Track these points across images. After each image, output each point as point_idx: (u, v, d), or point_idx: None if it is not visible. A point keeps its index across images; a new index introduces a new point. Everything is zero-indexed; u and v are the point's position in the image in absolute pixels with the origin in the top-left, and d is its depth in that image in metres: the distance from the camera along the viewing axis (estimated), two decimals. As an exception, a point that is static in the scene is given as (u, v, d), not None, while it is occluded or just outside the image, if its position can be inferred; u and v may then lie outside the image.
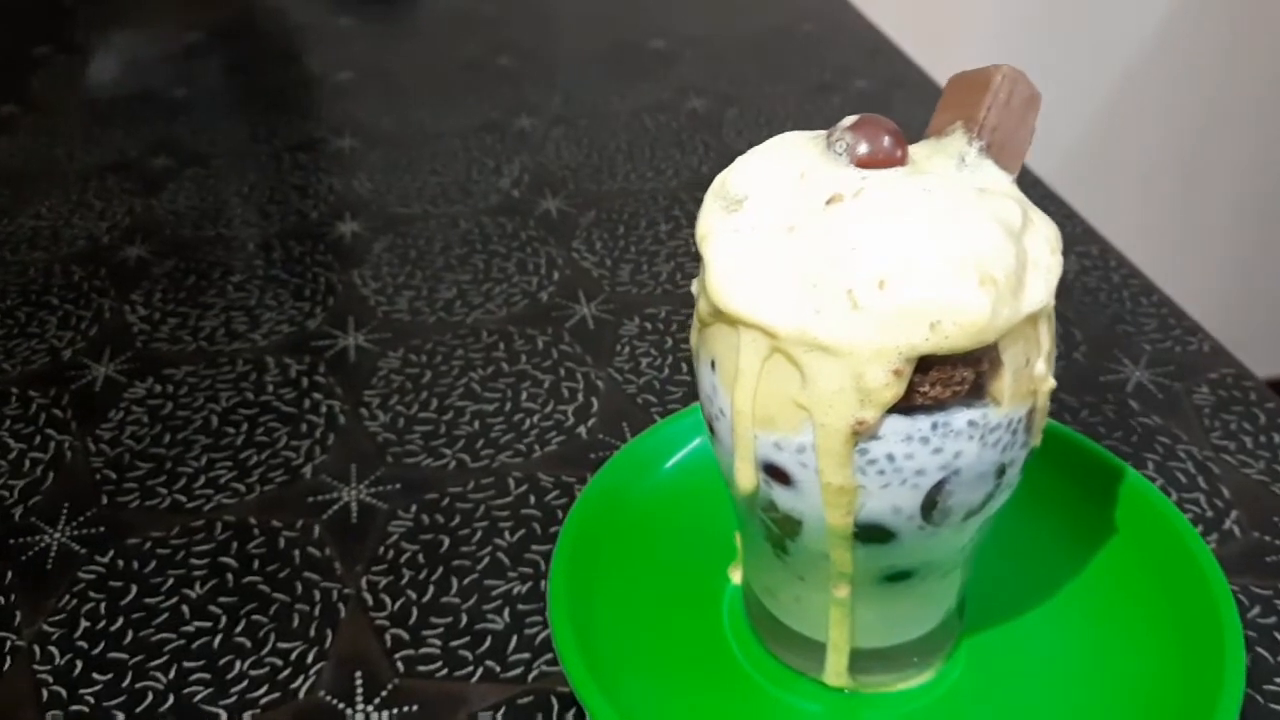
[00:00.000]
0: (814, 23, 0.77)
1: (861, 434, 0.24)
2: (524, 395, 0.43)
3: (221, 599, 0.35)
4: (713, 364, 0.27)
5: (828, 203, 0.25)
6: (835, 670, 0.30)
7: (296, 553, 0.37)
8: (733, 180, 0.27)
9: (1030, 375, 0.25)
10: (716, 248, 0.26)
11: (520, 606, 0.34)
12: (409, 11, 0.84)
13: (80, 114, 0.68)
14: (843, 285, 0.24)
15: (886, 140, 0.26)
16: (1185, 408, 0.42)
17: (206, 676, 0.33)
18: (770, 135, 0.28)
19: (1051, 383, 0.26)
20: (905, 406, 0.24)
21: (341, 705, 0.32)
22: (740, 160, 0.27)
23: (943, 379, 0.24)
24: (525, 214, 0.56)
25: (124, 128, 0.65)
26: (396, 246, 0.53)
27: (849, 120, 0.26)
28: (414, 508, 0.38)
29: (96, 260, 0.52)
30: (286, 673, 0.33)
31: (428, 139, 0.63)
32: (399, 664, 0.33)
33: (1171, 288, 0.50)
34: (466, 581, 0.35)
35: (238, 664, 0.33)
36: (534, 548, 0.36)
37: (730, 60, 0.72)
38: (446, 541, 0.37)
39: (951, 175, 0.26)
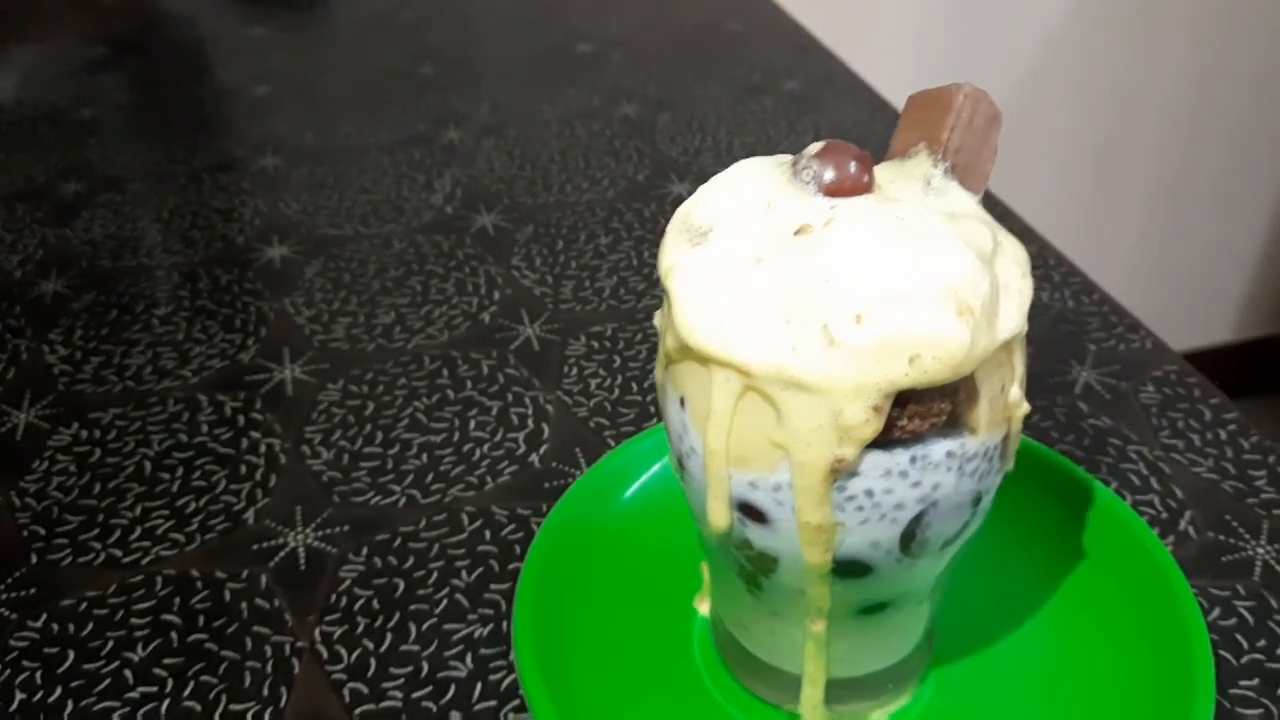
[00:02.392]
0: (740, 21, 0.76)
1: (840, 471, 0.24)
2: (472, 424, 0.42)
3: (166, 660, 0.33)
4: (682, 401, 0.26)
5: (796, 233, 0.24)
6: (811, 703, 0.30)
7: (244, 605, 0.35)
8: (696, 212, 0.26)
9: (1005, 402, 0.25)
10: (683, 282, 0.25)
11: (483, 650, 0.33)
12: (324, 17, 0.82)
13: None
14: (818, 320, 0.23)
15: (854, 166, 0.25)
16: (1134, 407, 0.42)
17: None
18: (704, 140, 0.28)
19: (1025, 407, 0.26)
20: (884, 441, 0.24)
21: (303, 769, 0.30)
22: (703, 190, 0.26)
23: (921, 412, 0.24)
24: (461, 231, 0.54)
25: (30, 152, 0.62)
26: (329, 270, 0.51)
27: (815, 147, 0.25)
28: (365, 550, 0.37)
29: (9, 297, 0.50)
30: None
31: (354, 154, 0.62)
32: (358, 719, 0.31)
33: (1088, 267, 0.51)
34: (425, 627, 0.34)
35: (188, 730, 0.31)
36: (493, 586, 0.35)
37: (659, 62, 0.71)
38: (401, 585, 0.35)
39: (919, 200, 0.25)
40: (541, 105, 0.66)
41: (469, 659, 0.33)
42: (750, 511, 0.26)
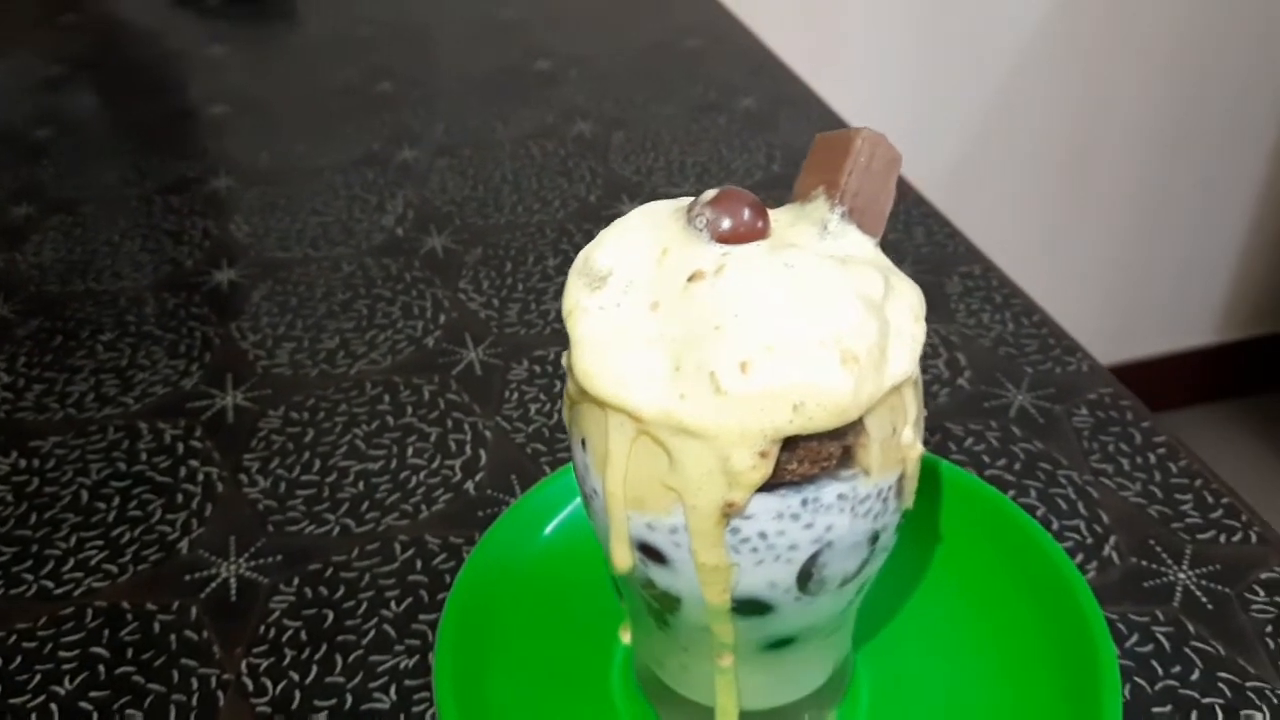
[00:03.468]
0: (698, 38, 0.77)
1: (731, 515, 0.24)
2: (410, 451, 0.42)
3: (93, 694, 0.33)
4: (584, 443, 0.26)
5: (689, 280, 0.25)
6: (726, 735, 0.30)
7: (173, 637, 0.35)
8: (596, 256, 0.26)
9: (898, 444, 0.25)
10: (581, 326, 0.25)
11: (407, 682, 0.34)
12: (284, 35, 0.82)
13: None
14: (705, 368, 0.23)
15: (747, 214, 0.25)
16: (1066, 431, 0.42)
17: (76, 782, 0.31)
18: (656, 160, 0.28)
19: (919, 449, 0.26)
20: (775, 484, 0.24)
21: (221, 804, 0.30)
22: (604, 234, 0.27)
23: (810, 456, 0.24)
24: (410, 253, 0.54)
25: (-16, 174, 0.62)
26: (276, 294, 0.52)
27: (709, 194, 0.26)
28: (296, 580, 0.37)
29: (-46, 324, 0.50)
30: (162, 772, 0.31)
31: (307, 175, 0.62)
32: (282, 754, 0.32)
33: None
34: (352, 658, 0.34)
35: (110, 766, 0.32)
36: (421, 617, 0.36)
37: (616, 80, 0.71)
38: (330, 616, 0.36)
39: (814, 245, 0.26)
40: (496, 124, 0.66)
41: (393, 691, 0.33)
42: (650, 552, 0.26)
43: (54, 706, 0.33)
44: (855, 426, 0.24)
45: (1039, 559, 0.34)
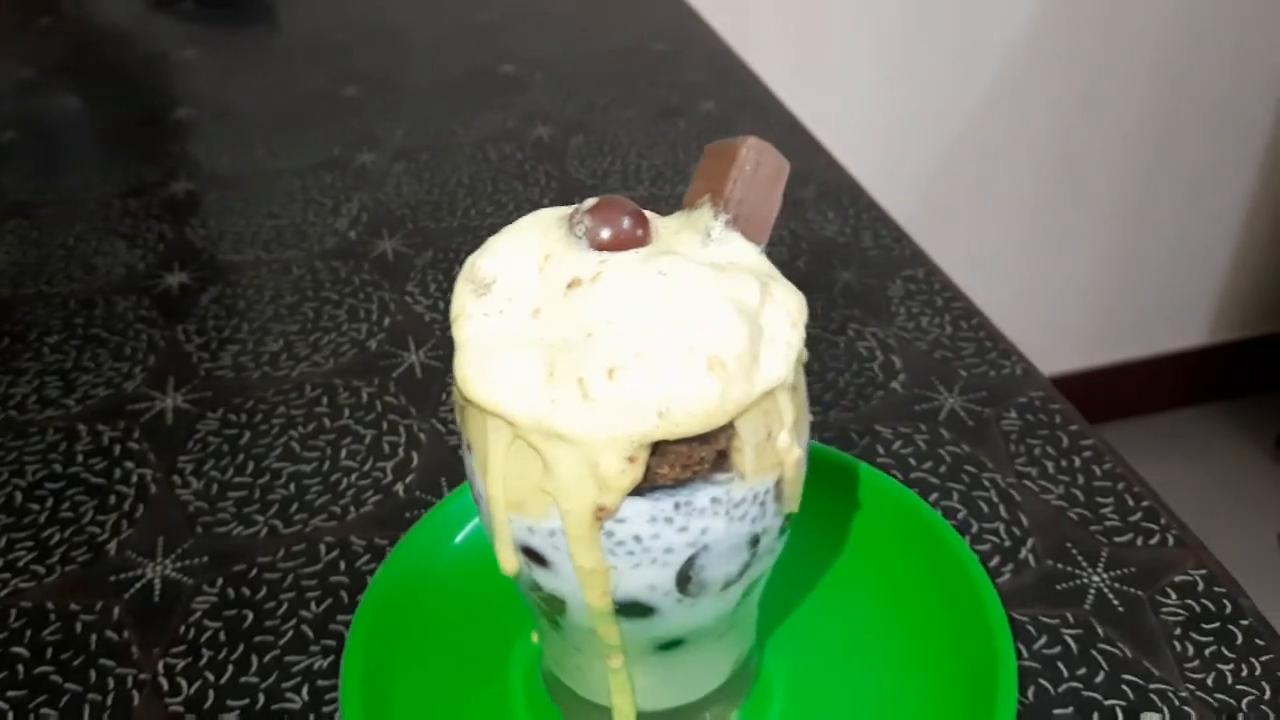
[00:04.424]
0: (666, 41, 0.77)
1: (604, 518, 0.25)
2: (344, 453, 0.43)
3: (10, 693, 0.34)
4: (470, 447, 0.27)
5: (568, 287, 0.25)
6: (624, 735, 0.31)
7: (93, 637, 0.36)
8: (482, 263, 0.27)
9: (774, 448, 0.26)
10: (464, 332, 0.26)
11: (320, 683, 0.34)
12: (260, 37, 0.82)
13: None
14: (575, 374, 0.24)
15: (626, 222, 0.26)
16: (993, 434, 0.43)
17: (-12, 779, 0.32)
18: (613, 163, 0.28)
19: (797, 453, 0.26)
20: (646, 488, 0.24)
21: (127, 801, 0.31)
22: (491, 241, 0.27)
23: (680, 460, 0.24)
24: (361, 257, 0.55)
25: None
26: (224, 297, 0.52)
27: (589, 202, 0.26)
28: (220, 581, 0.37)
29: (-96, 326, 0.51)
30: (72, 770, 0.32)
31: (266, 178, 0.62)
32: (191, 752, 0.32)
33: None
34: (268, 659, 0.35)
35: (21, 764, 0.32)
36: (339, 618, 0.36)
37: (580, 83, 0.72)
38: (250, 616, 0.36)
39: (695, 252, 0.26)
40: (458, 128, 0.67)
41: (305, 691, 0.34)
42: (533, 555, 0.26)
43: (-29, 705, 0.34)
44: (726, 431, 0.25)
45: (950, 562, 0.35)
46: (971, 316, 0.49)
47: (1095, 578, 0.37)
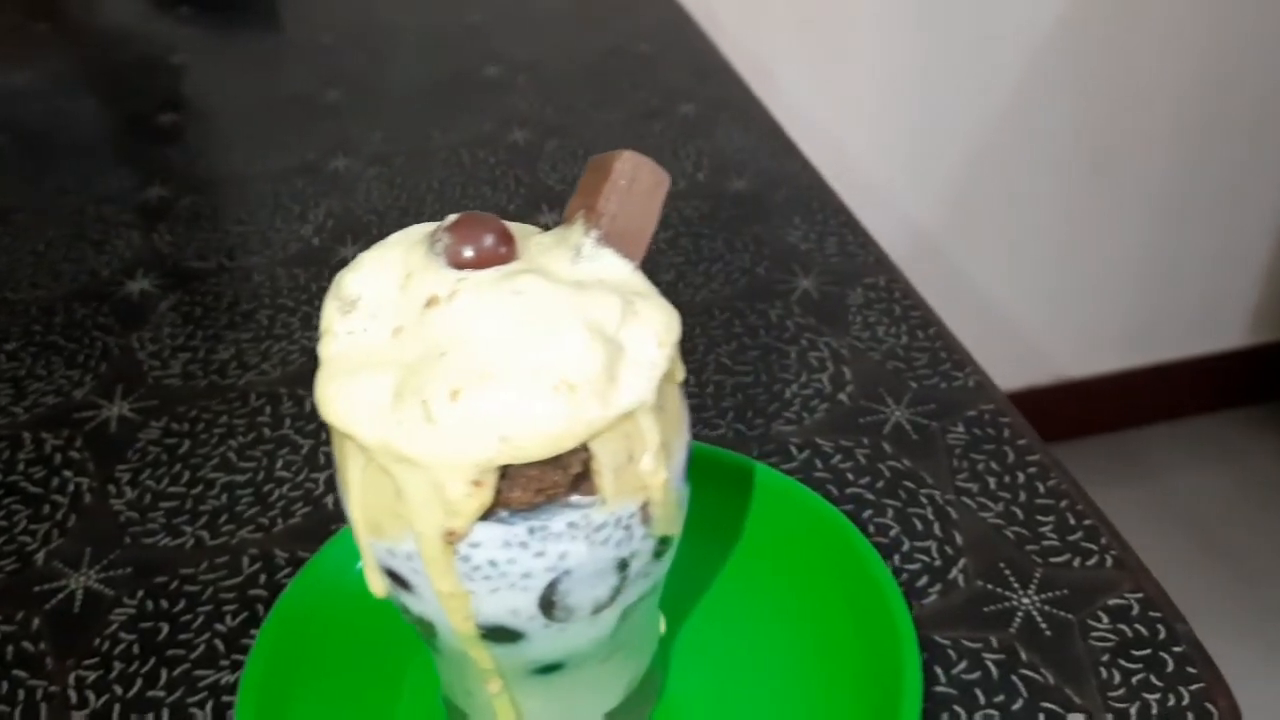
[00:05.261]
0: (651, 43, 0.76)
1: (454, 542, 0.24)
2: (280, 463, 0.43)
3: (-79, 704, 0.34)
4: (336, 468, 0.26)
5: (426, 306, 0.25)
6: (514, 757, 0.30)
7: (10, 648, 0.36)
8: (347, 280, 0.26)
9: (637, 471, 0.25)
10: (328, 350, 0.25)
11: (224, 698, 0.34)
12: (254, 41, 0.83)
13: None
14: (419, 395, 0.23)
15: (489, 240, 0.25)
16: (937, 449, 0.42)
17: (-113, 791, 0.32)
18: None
19: (663, 476, 0.26)
20: (499, 512, 0.24)
21: (19, 816, 0.31)
22: (360, 257, 0.27)
23: (532, 484, 0.24)
24: (322, 264, 0.55)
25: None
26: (182, 305, 0.52)
27: (451, 219, 0.26)
28: (141, 593, 0.37)
29: None
30: (-30, 783, 0.32)
31: (238, 184, 0.62)
32: (89, 766, 0.32)
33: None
34: (177, 672, 0.35)
35: (-79, 776, 0.32)
36: (253, 632, 0.36)
37: (562, 86, 0.71)
38: (166, 629, 0.36)
39: (564, 269, 0.26)
40: (434, 132, 0.67)
41: (210, 707, 0.34)
42: (396, 578, 0.26)
43: (-118, 715, 0.34)
44: (581, 454, 0.24)
45: (866, 584, 0.34)
46: (929, 326, 0.48)
47: (1025, 600, 0.36)
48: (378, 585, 0.27)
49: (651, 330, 0.25)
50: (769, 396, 0.45)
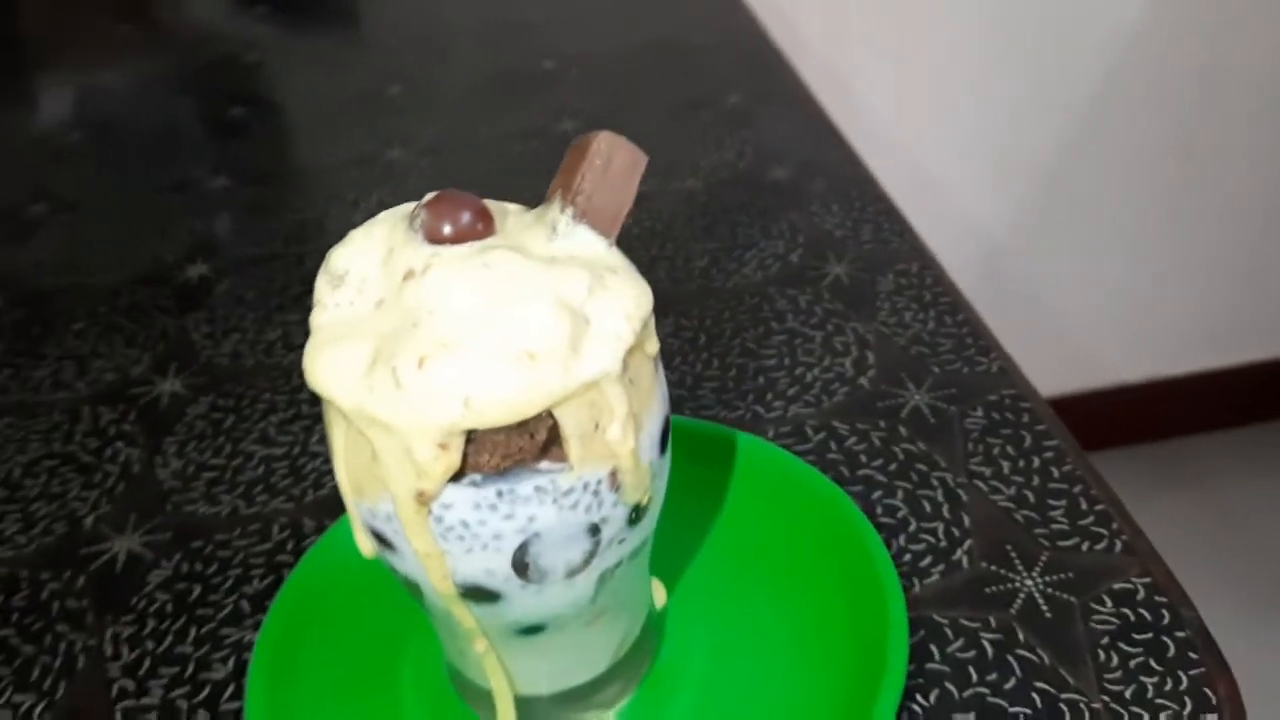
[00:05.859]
0: (704, 34, 0.77)
1: (425, 503, 0.25)
2: (314, 438, 0.45)
3: (-27, 653, 0.37)
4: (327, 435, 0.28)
5: (404, 279, 0.26)
6: (505, 717, 0.31)
7: (56, 604, 0.38)
8: (336, 256, 0.28)
9: (603, 440, 0.26)
10: (317, 321, 0.27)
11: (245, 655, 0.36)
12: (324, 39, 0.86)
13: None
14: (390, 363, 0.25)
15: (465, 216, 0.26)
16: (954, 432, 0.42)
17: (-63, 730, 0.34)
18: None
19: (630, 445, 0.26)
20: (468, 476, 0.25)
21: (52, 757, 0.33)
22: (350, 235, 0.28)
23: (498, 449, 0.25)
24: (370, 250, 0.57)
25: (3, 176, 0.68)
26: (236, 289, 0.55)
27: (428, 197, 0.27)
28: (177, 556, 0.40)
29: (-51, 314, 0.55)
30: (11, 726, 0.34)
31: (298, 175, 0.65)
32: (118, 714, 0.34)
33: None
34: (204, 630, 0.37)
35: (-33, 718, 0.35)
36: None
37: (612, 78, 0.72)
38: (198, 590, 0.38)
39: (540, 246, 0.27)
40: (486, 124, 0.68)
41: (231, 662, 0.36)
42: (380, 539, 0.27)
43: (-63, 662, 0.37)
44: (544, 422, 0.25)
45: (861, 559, 0.34)
46: (958, 312, 0.48)
47: (1028, 582, 0.36)
48: (366, 545, 0.28)
49: (620, 304, 0.26)
50: (790, 380, 0.45)
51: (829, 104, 0.67)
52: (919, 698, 0.32)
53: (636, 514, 0.28)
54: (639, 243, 0.55)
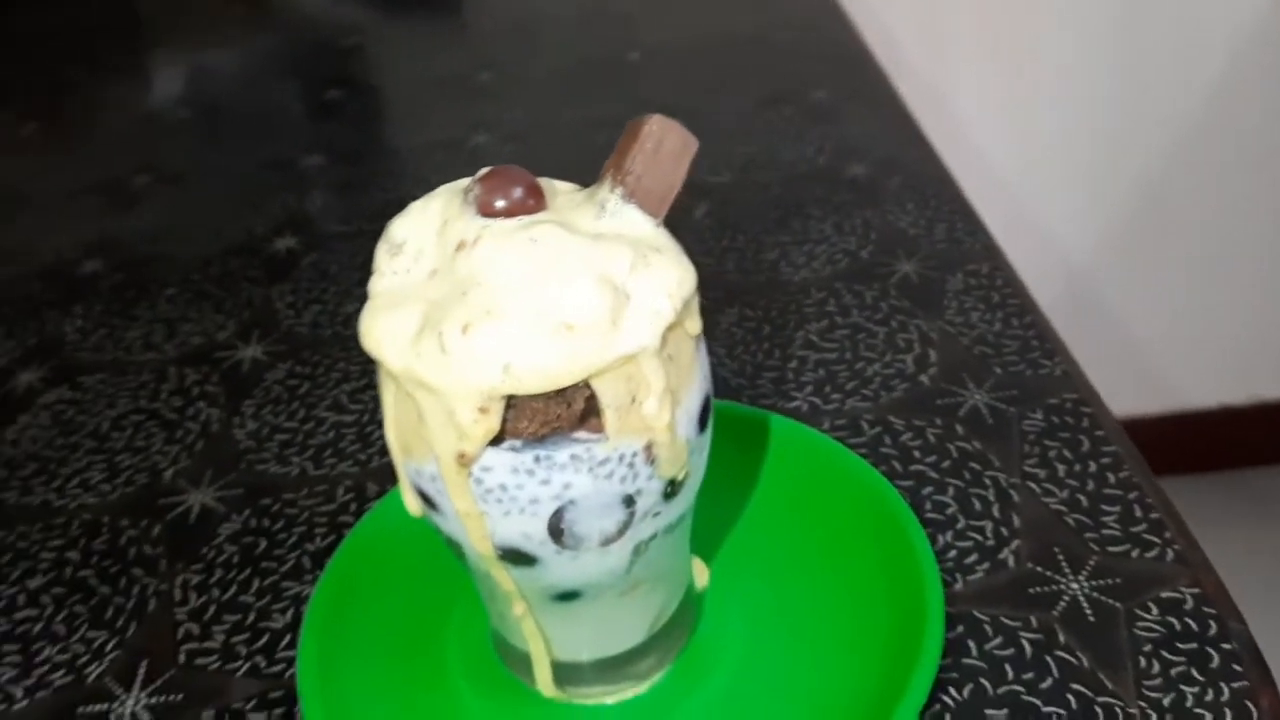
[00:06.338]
0: (794, 31, 0.77)
1: (466, 464, 0.26)
2: (383, 407, 0.46)
3: (55, 590, 0.39)
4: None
5: (456, 250, 0.27)
6: (543, 681, 0.32)
7: (132, 550, 0.40)
8: (395, 226, 0.29)
9: (640, 413, 0.27)
10: (374, 289, 0.28)
11: (303, 608, 0.37)
12: (423, 24, 0.88)
13: (75, 137, 0.74)
14: (437, 328, 0.26)
15: (518, 192, 0.27)
16: (1011, 433, 0.41)
17: (18, 659, 0.37)
18: (705, 149, 0.30)
19: (665, 419, 0.27)
20: (510, 441, 0.26)
21: (119, 691, 0.35)
22: (408, 207, 0.29)
23: (537, 416, 0.26)
24: (450, 230, 0.58)
25: (112, 148, 0.71)
26: (321, 263, 0.57)
27: (483, 172, 0.28)
28: (247, 511, 0.42)
29: (51, 277, 0.58)
30: (84, 659, 0.36)
31: (388, 156, 0.67)
32: (182, 655, 0.36)
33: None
34: (267, 582, 0.39)
35: (46, 650, 0.37)
36: (336, 553, 0.39)
37: (698, 70, 0.73)
38: (264, 544, 0.40)
39: (587, 223, 0.28)
40: (570, 112, 0.69)
41: (289, 614, 0.37)
42: (426, 499, 0.28)
43: (22, 597, 0.39)
44: (583, 392, 0.26)
45: (902, 549, 0.34)
46: (1025, 314, 0.48)
47: (1074, 585, 0.35)
48: (413, 504, 0.29)
49: (662, 282, 0.27)
50: (850, 374, 0.45)
51: (915, 104, 0.67)
52: (952, 691, 0.33)
53: (672, 488, 0.28)
54: (710, 233, 0.55)
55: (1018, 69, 1.13)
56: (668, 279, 0.27)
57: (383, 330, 0.27)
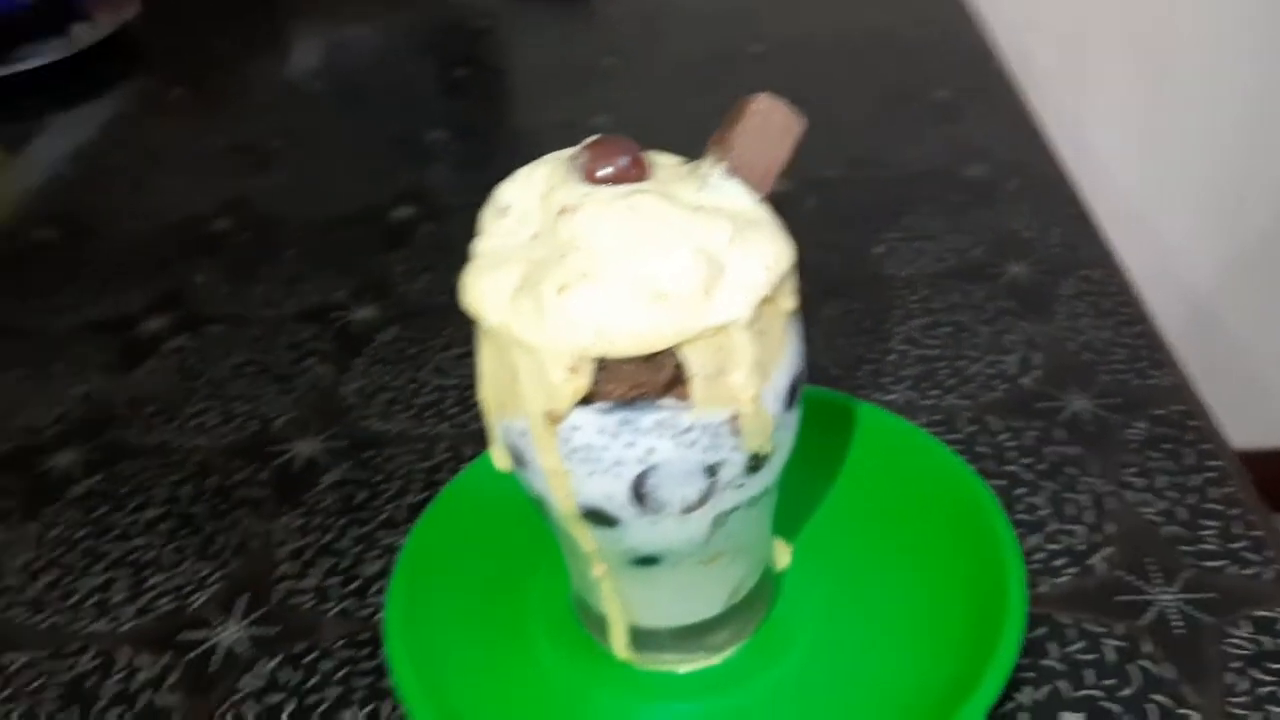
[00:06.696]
0: (922, 29, 0.76)
1: (555, 422, 0.27)
2: (485, 374, 0.47)
3: (167, 523, 0.41)
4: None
5: (559, 214, 0.28)
6: (618, 644, 0.33)
7: (239, 493, 0.42)
8: (502, 190, 0.30)
9: (727, 384, 0.27)
10: (478, 249, 0.29)
11: (395, 558, 0.39)
12: (557, 10, 0.90)
13: (216, 103, 0.77)
14: (536, 289, 0.26)
15: (623, 160, 0.28)
16: (1112, 441, 0.41)
17: (130, 584, 0.39)
18: (817, 144, 0.31)
19: (752, 391, 0.27)
20: (598, 402, 0.27)
21: (218, 621, 0.37)
22: (515, 172, 0.30)
23: (625, 379, 0.26)
24: (562, 208, 0.60)
25: (245, 118, 0.74)
26: (437, 233, 0.59)
27: (589, 140, 0.29)
28: (349, 463, 0.43)
29: (183, 232, 0.61)
30: (189, 589, 0.38)
31: (509, 134, 0.69)
32: (279, 593, 0.38)
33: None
34: (363, 530, 0.40)
35: (155, 578, 0.39)
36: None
37: (821, 64, 0.73)
38: (364, 495, 0.42)
39: (689, 194, 0.28)
40: (691, 100, 0.70)
41: (381, 562, 0.39)
42: (515, 455, 0.29)
43: (136, 526, 0.41)
44: (670, 359, 0.26)
45: (988, 545, 0.34)
46: (1137, 323, 0.47)
47: (1164, 596, 0.35)
48: (502, 460, 0.30)
49: (759, 256, 0.27)
50: (950, 371, 0.45)
51: (1044, 107, 0.66)
52: (1028, 690, 0.32)
53: (756, 462, 0.29)
54: (819, 224, 0.55)
55: (1158, 82, 1.09)
56: (765, 253, 0.27)
57: (483, 287, 0.28)
